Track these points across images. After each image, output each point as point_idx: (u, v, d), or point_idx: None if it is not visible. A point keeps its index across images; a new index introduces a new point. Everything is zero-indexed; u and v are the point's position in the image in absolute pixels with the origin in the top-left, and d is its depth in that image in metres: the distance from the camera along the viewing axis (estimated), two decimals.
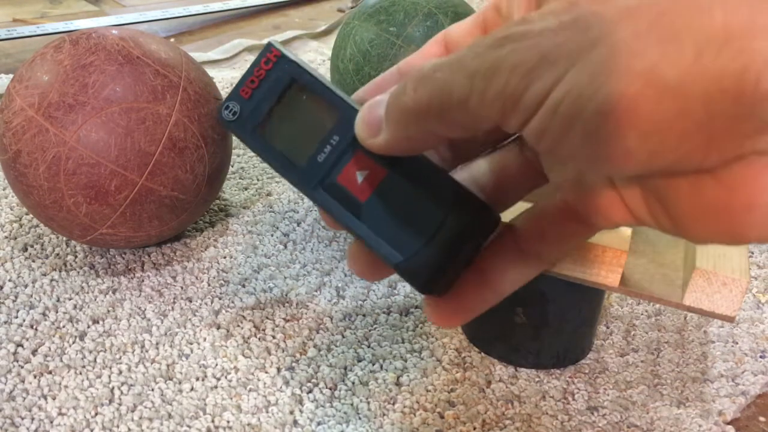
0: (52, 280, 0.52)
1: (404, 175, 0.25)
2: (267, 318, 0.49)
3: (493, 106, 0.20)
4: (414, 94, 0.21)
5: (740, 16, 0.17)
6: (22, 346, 0.46)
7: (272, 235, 0.58)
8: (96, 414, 0.42)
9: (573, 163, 0.20)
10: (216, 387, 0.44)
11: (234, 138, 0.72)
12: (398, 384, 0.45)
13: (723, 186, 0.19)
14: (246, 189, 0.64)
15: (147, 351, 0.46)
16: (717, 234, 0.20)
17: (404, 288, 0.53)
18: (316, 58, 0.94)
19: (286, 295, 0.52)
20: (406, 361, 0.46)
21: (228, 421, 0.42)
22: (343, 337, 0.48)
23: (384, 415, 0.43)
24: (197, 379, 0.44)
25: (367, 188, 0.25)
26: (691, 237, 0.21)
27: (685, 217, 0.20)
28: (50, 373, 0.44)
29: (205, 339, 0.47)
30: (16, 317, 0.48)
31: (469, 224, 0.24)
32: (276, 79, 0.27)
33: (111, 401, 0.43)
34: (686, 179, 0.20)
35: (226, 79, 0.85)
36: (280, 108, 0.27)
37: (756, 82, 0.16)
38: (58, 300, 0.50)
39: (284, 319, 0.49)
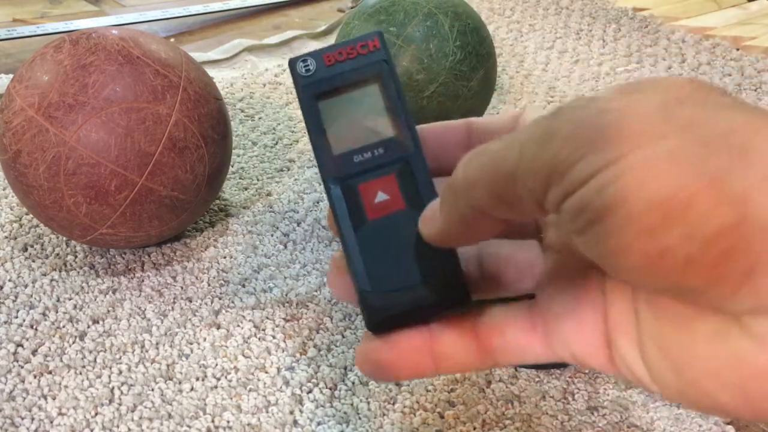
0: (52, 280, 0.52)
1: (415, 220, 0.25)
2: (267, 318, 0.49)
3: (539, 174, 0.19)
4: (465, 169, 0.21)
5: None
6: (22, 346, 0.46)
7: (272, 235, 0.58)
8: (96, 414, 0.42)
9: (598, 256, 0.19)
10: (216, 387, 0.44)
11: (234, 138, 0.72)
12: (398, 384, 0.45)
13: (752, 338, 0.18)
14: (246, 189, 0.64)
15: (147, 351, 0.46)
16: (730, 399, 0.19)
17: None
18: None
19: (286, 295, 0.52)
20: None
21: (228, 421, 0.42)
22: (343, 337, 0.48)
23: (384, 415, 0.43)
24: (197, 379, 0.44)
25: (379, 210, 0.25)
26: (695, 397, 0.20)
27: (693, 368, 0.19)
28: (50, 373, 0.44)
29: (205, 339, 0.47)
30: (16, 317, 0.48)
31: (441, 299, 0.25)
32: (363, 65, 0.26)
33: (111, 401, 0.43)
34: (708, 322, 0.19)
35: (226, 79, 0.85)
36: (350, 92, 0.26)
37: None
38: (58, 300, 0.50)
39: (284, 319, 0.49)
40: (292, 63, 0.26)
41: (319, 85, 0.26)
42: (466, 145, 0.27)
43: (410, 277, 0.25)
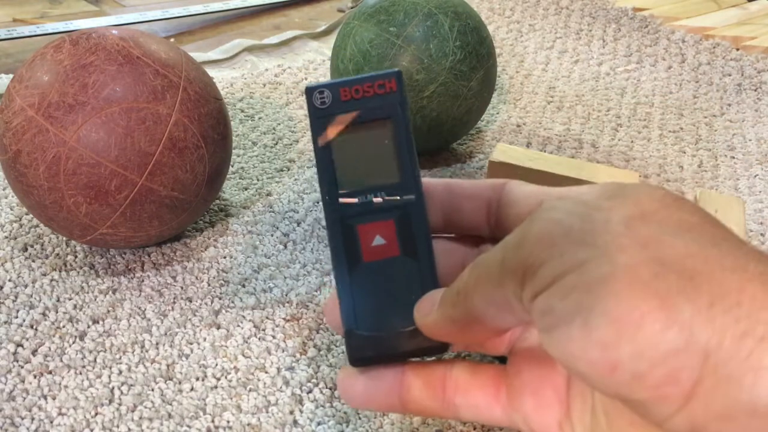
0: (52, 280, 0.52)
1: (408, 269, 0.26)
2: (267, 318, 0.49)
3: (516, 274, 0.20)
4: (467, 278, 0.23)
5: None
6: (22, 346, 0.46)
7: (272, 235, 0.58)
8: (96, 414, 0.42)
9: (559, 356, 0.20)
10: (216, 387, 0.44)
11: (234, 138, 0.72)
12: None
13: None
14: (246, 189, 0.64)
15: (147, 351, 0.46)
16: None
17: None
18: (316, 58, 0.94)
19: (286, 295, 0.52)
20: None
21: (228, 421, 0.42)
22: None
23: (384, 415, 0.43)
24: (197, 379, 0.44)
25: (374, 253, 0.26)
26: None
27: None
28: (50, 373, 0.44)
29: (205, 339, 0.47)
30: (16, 317, 0.48)
31: (421, 347, 0.26)
32: (379, 106, 0.26)
33: (111, 401, 0.43)
34: None
35: (226, 79, 0.85)
36: (362, 131, 0.26)
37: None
38: (58, 300, 0.50)
39: (284, 319, 0.49)
40: (309, 92, 0.27)
41: (332, 120, 0.26)
42: (446, 203, 0.28)
43: (394, 324, 0.25)
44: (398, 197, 0.26)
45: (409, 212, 0.26)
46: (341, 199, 0.26)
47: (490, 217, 0.27)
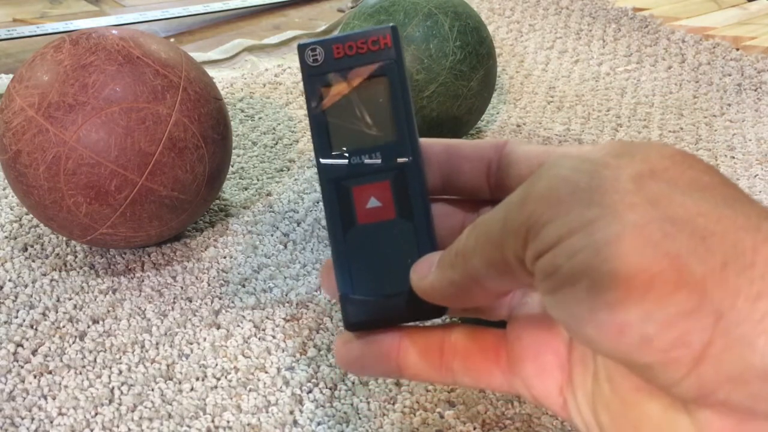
0: (52, 280, 0.52)
1: (404, 232, 0.25)
2: (267, 318, 0.49)
3: (518, 234, 0.20)
4: (466, 240, 0.22)
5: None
6: (22, 346, 0.46)
7: (272, 235, 0.58)
8: (96, 414, 0.42)
9: (563, 318, 0.19)
10: (216, 387, 0.44)
11: (234, 138, 0.72)
12: (398, 384, 0.45)
13: (696, 429, 0.18)
14: (246, 189, 0.64)
15: (147, 351, 0.46)
16: None
17: None
18: None
19: (286, 295, 0.52)
20: None
21: (228, 421, 0.42)
22: None
23: (384, 415, 0.43)
24: (197, 379, 0.44)
25: (369, 215, 0.25)
26: None
27: None
28: (50, 373, 0.44)
29: (205, 339, 0.47)
30: (16, 317, 0.48)
31: (417, 310, 0.25)
32: (372, 61, 0.26)
33: (111, 401, 0.43)
34: (659, 406, 0.19)
35: (226, 79, 0.85)
36: (356, 89, 0.26)
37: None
38: (58, 300, 0.50)
39: (284, 319, 0.49)
40: (301, 49, 0.26)
41: (324, 78, 0.26)
42: (445, 164, 0.27)
43: (389, 287, 0.25)
44: (394, 158, 0.25)
45: (406, 173, 0.25)
46: (334, 160, 0.25)
47: (490, 179, 0.26)
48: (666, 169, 0.19)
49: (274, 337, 0.48)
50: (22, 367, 0.44)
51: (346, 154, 0.25)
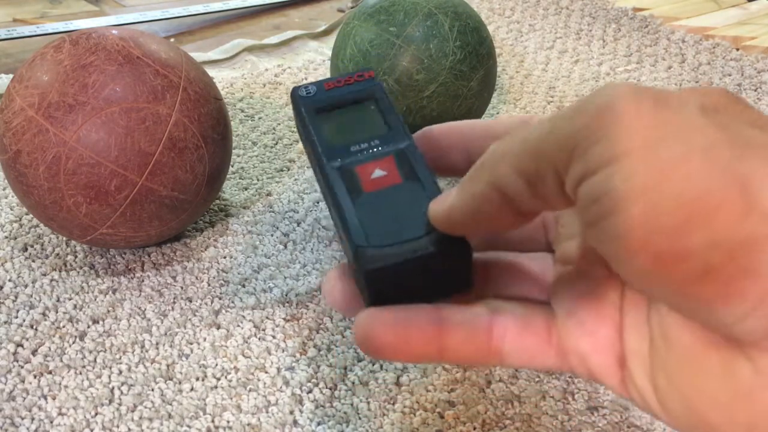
0: (52, 280, 0.52)
1: (413, 191, 0.25)
2: (267, 318, 0.49)
3: (564, 146, 0.18)
4: (494, 146, 0.20)
5: None
6: (22, 346, 0.46)
7: (272, 235, 0.58)
8: (96, 414, 0.42)
9: (611, 251, 0.18)
10: (216, 387, 0.44)
11: (234, 138, 0.72)
12: (398, 384, 0.45)
13: (759, 375, 0.17)
14: (246, 189, 0.64)
15: (147, 351, 0.46)
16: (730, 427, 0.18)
17: None
18: (316, 58, 0.94)
19: (286, 295, 0.52)
20: None
21: (228, 421, 0.42)
22: (343, 337, 0.48)
23: (384, 415, 0.43)
24: (197, 379, 0.44)
25: (376, 184, 0.25)
26: (696, 424, 0.19)
27: (702, 402, 0.18)
28: (50, 373, 0.44)
29: (205, 339, 0.47)
30: (16, 317, 0.48)
31: (439, 251, 0.23)
32: (360, 89, 0.29)
33: (111, 401, 0.43)
34: (718, 356, 0.18)
35: (226, 79, 0.85)
36: (348, 107, 0.28)
37: None
38: (58, 300, 0.50)
39: (284, 319, 0.49)
40: (295, 90, 0.29)
41: (319, 102, 0.28)
42: (464, 147, 0.26)
43: (406, 233, 0.24)
44: (393, 143, 0.26)
45: (406, 152, 0.26)
46: (332, 149, 0.26)
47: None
48: (727, 106, 0.18)
49: (274, 337, 0.48)
50: (22, 367, 0.44)
51: (344, 144, 0.27)
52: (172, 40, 0.98)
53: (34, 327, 0.47)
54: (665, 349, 0.20)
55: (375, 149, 0.26)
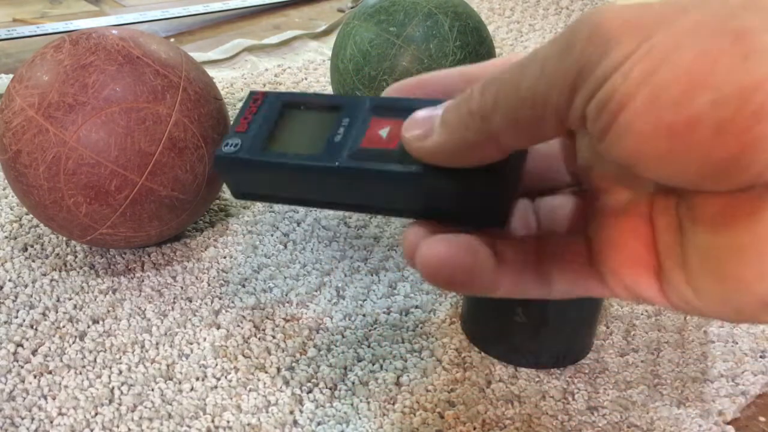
0: (52, 280, 0.52)
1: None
2: (267, 318, 0.49)
3: (564, 84, 0.18)
4: (480, 97, 0.20)
5: None
6: (22, 346, 0.46)
7: (272, 235, 0.58)
8: (96, 414, 0.42)
9: (625, 151, 0.18)
10: (216, 387, 0.44)
11: None
12: (398, 384, 0.45)
13: None
14: None
15: (147, 351, 0.46)
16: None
17: (404, 288, 0.53)
18: (316, 58, 0.94)
19: (286, 295, 0.52)
20: (406, 361, 0.46)
21: (228, 421, 0.42)
22: (343, 337, 0.48)
23: (384, 415, 0.43)
24: (197, 379, 0.44)
25: (395, 137, 0.24)
26: (740, 302, 0.19)
27: (736, 267, 0.19)
28: (50, 373, 0.44)
29: (205, 339, 0.47)
30: (16, 317, 0.48)
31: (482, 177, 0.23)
32: (269, 108, 0.26)
33: (111, 401, 0.43)
34: (746, 228, 0.18)
35: (226, 79, 0.85)
36: (281, 123, 0.26)
37: None
38: (58, 300, 0.50)
39: (284, 319, 0.49)
40: (216, 156, 0.26)
41: (254, 144, 0.26)
42: (443, 94, 0.25)
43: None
44: (356, 111, 0.25)
45: (381, 104, 0.25)
46: (325, 154, 0.25)
47: None
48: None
49: (274, 337, 0.48)
50: (22, 367, 0.44)
51: (326, 142, 0.25)
52: (172, 40, 0.98)
53: (34, 327, 0.47)
54: (692, 225, 0.20)
55: (354, 124, 0.25)
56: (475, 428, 0.42)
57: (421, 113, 0.23)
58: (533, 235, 0.25)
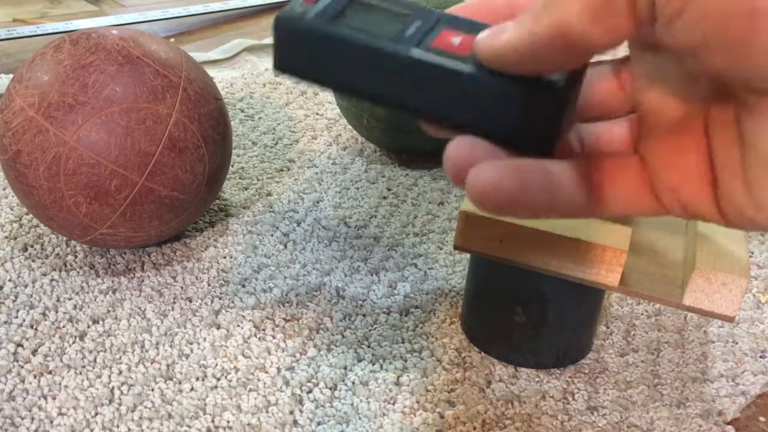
0: (52, 280, 0.52)
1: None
2: (267, 318, 0.49)
3: None
4: None
5: None
6: (22, 346, 0.46)
7: (272, 235, 0.58)
8: (96, 414, 0.42)
9: (696, 36, 0.18)
10: (216, 387, 0.44)
11: (234, 138, 0.72)
12: (398, 384, 0.45)
13: None
14: (246, 189, 0.64)
15: (147, 351, 0.46)
16: None
17: (404, 288, 0.53)
18: None
19: (286, 295, 0.52)
20: (406, 361, 0.46)
21: (228, 421, 0.42)
22: (343, 337, 0.48)
23: (384, 415, 0.43)
24: (197, 379, 0.44)
25: (467, 47, 0.24)
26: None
27: None
28: (50, 373, 0.44)
29: (205, 339, 0.47)
30: (16, 317, 0.48)
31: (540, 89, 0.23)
32: None
33: (111, 401, 0.43)
34: None
35: (226, 79, 0.85)
36: (351, 8, 0.25)
37: None
38: (58, 300, 0.50)
39: (284, 319, 0.49)
40: (280, 18, 0.25)
41: (327, 13, 0.25)
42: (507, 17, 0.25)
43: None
44: (433, 18, 0.25)
45: (455, 19, 0.25)
46: (395, 41, 0.24)
47: None
48: None
49: (274, 337, 0.48)
50: (22, 367, 0.44)
51: (397, 33, 0.24)
52: (172, 40, 0.98)
53: (34, 327, 0.47)
54: (759, 144, 0.20)
55: (425, 26, 0.24)
56: (475, 428, 0.42)
57: (494, 26, 0.22)
58: (581, 155, 0.25)
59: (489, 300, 0.46)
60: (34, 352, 0.46)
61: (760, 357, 0.49)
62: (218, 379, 0.44)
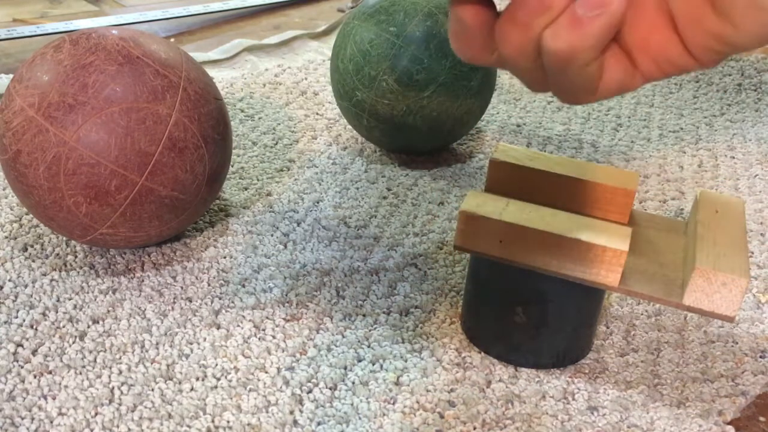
0: (52, 280, 0.52)
1: None
2: (267, 318, 0.49)
3: None
4: None
5: None
6: (22, 346, 0.46)
7: (272, 235, 0.58)
8: (96, 414, 0.42)
9: None
10: (216, 387, 0.44)
11: (234, 138, 0.72)
12: (398, 384, 0.45)
13: None
14: (246, 189, 0.64)
15: (147, 351, 0.46)
16: None
17: (404, 288, 0.53)
18: (316, 58, 0.94)
19: (286, 295, 0.52)
20: (406, 361, 0.46)
21: (228, 421, 0.42)
22: (343, 337, 0.48)
23: (384, 415, 0.43)
24: (197, 379, 0.44)
25: None
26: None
27: None
28: (50, 373, 0.44)
29: (205, 339, 0.47)
30: (16, 317, 0.48)
31: None
32: None
33: (111, 401, 0.43)
34: None
35: (226, 79, 0.85)
36: None
37: None
38: (58, 300, 0.50)
39: (284, 319, 0.49)
40: None
41: None
42: None
43: None
44: None
45: None
46: None
47: None
48: None
49: (274, 337, 0.48)
50: (22, 367, 0.44)
51: None
52: (172, 40, 0.98)
53: (34, 327, 0.47)
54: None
55: None
56: (475, 428, 0.42)
57: None
58: None
59: (489, 300, 0.46)
60: (34, 352, 0.46)
61: (760, 357, 0.49)
62: (218, 379, 0.44)
